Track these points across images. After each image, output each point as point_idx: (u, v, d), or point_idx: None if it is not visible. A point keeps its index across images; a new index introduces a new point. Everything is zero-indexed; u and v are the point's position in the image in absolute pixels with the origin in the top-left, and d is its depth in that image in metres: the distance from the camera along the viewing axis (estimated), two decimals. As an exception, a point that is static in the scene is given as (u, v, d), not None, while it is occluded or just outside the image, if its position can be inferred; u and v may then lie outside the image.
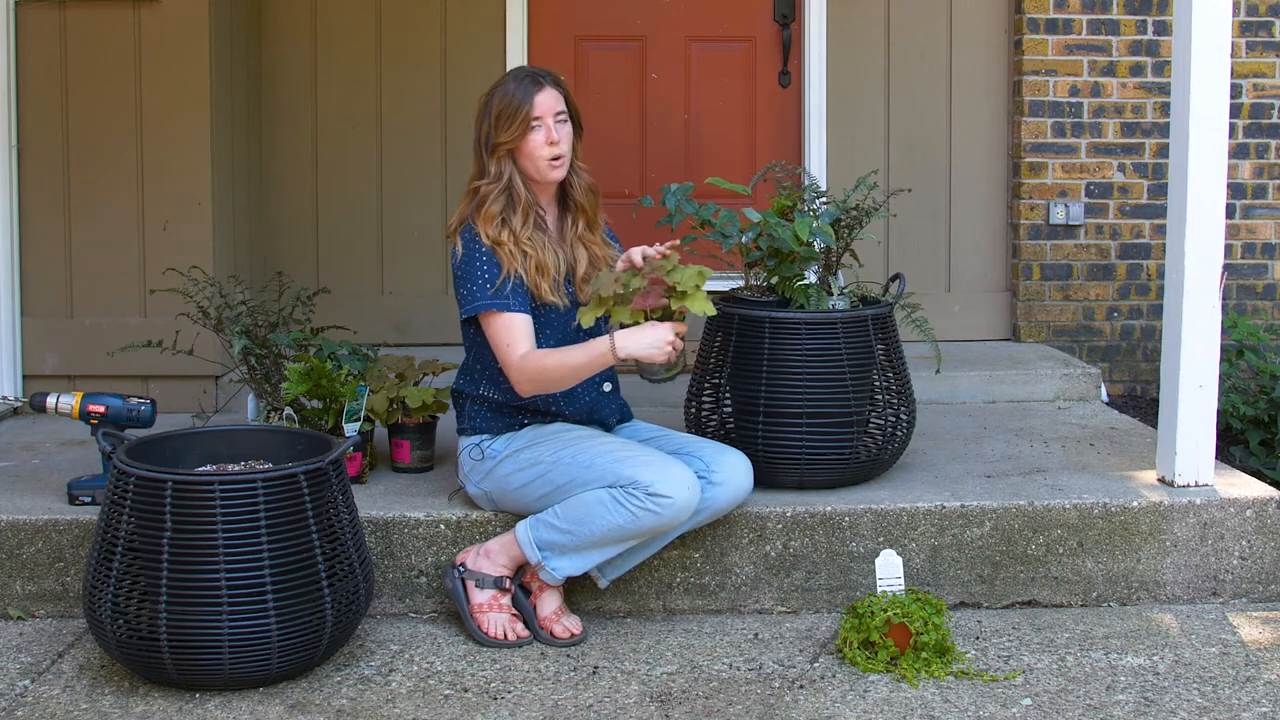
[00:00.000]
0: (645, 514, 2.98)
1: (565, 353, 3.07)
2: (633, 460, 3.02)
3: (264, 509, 2.75)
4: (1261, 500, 3.42)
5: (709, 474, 3.14)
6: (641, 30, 5.25)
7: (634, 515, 2.98)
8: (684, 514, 3.02)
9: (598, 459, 3.05)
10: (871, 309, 3.47)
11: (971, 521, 3.36)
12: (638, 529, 3.01)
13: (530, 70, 3.24)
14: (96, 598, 2.81)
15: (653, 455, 3.06)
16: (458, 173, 5.14)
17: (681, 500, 2.99)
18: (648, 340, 2.98)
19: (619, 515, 2.99)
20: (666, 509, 2.98)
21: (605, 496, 3.00)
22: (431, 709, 2.78)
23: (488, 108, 3.20)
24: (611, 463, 3.03)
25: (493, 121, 3.17)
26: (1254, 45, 5.16)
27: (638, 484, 2.97)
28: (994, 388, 4.66)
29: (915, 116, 5.22)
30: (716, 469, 3.15)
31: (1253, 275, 5.25)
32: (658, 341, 2.99)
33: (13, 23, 4.36)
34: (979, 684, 2.90)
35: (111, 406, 3.40)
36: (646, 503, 2.97)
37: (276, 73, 5.10)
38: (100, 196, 4.41)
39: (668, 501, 2.97)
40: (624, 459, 3.03)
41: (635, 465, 3.01)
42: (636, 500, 2.97)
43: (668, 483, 2.98)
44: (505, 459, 3.18)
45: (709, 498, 3.11)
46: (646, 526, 3.01)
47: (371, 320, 5.02)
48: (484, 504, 3.29)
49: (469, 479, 3.28)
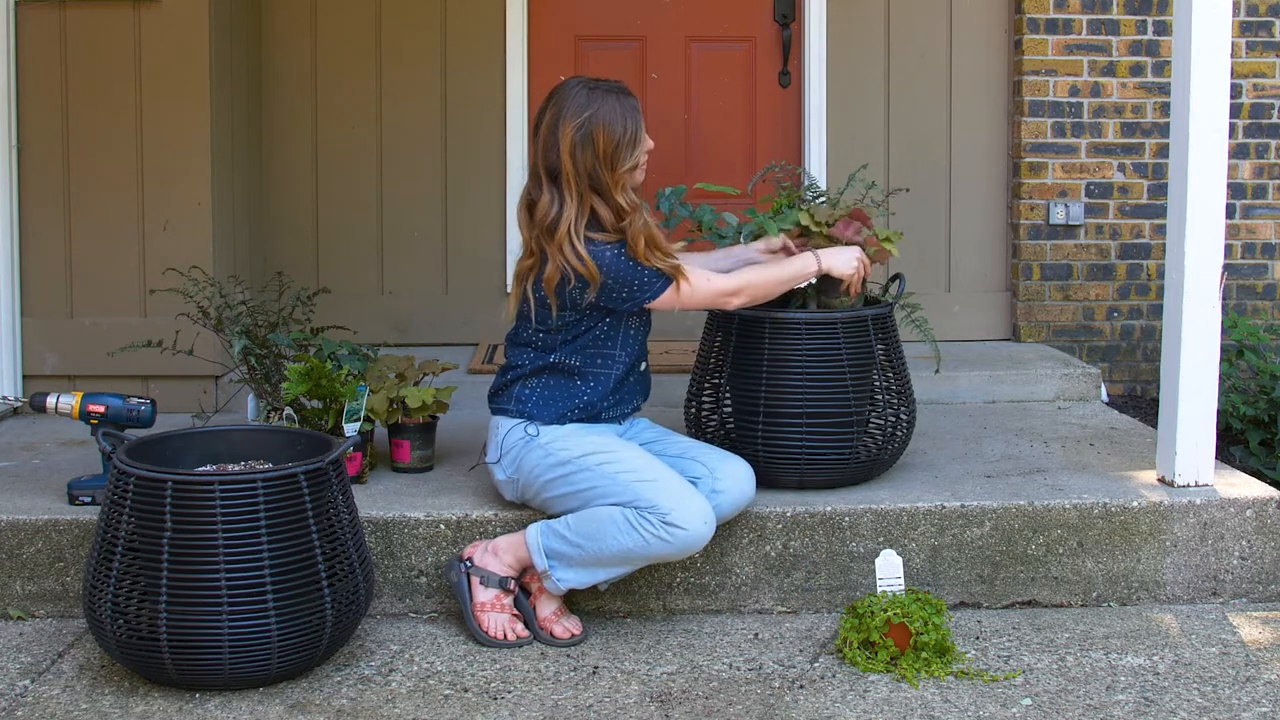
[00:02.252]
0: (657, 541, 2.98)
1: (769, 268, 3.29)
2: (654, 484, 3.01)
3: (264, 509, 2.75)
4: (1261, 500, 3.42)
5: (712, 480, 3.14)
6: (641, 30, 5.25)
7: (645, 540, 2.98)
8: (695, 547, 3.02)
9: (623, 474, 3.03)
10: (871, 309, 3.46)
11: (971, 521, 3.36)
12: (647, 554, 3.01)
13: (614, 86, 3.18)
14: (96, 598, 2.81)
15: (677, 484, 3.03)
16: (458, 173, 5.15)
17: (695, 533, 2.98)
18: (844, 257, 3.32)
19: (630, 538, 2.99)
20: (679, 539, 2.97)
21: (619, 516, 3.00)
22: (431, 709, 2.78)
23: (590, 139, 3.09)
24: (635, 481, 3.02)
25: (608, 151, 3.10)
26: (1254, 45, 5.16)
27: (656, 509, 2.97)
28: (994, 388, 4.66)
29: (915, 116, 5.22)
30: (720, 476, 3.15)
31: (1253, 275, 5.25)
32: (851, 259, 3.32)
33: (13, 23, 4.36)
34: (979, 684, 2.90)
35: (111, 406, 3.40)
36: (660, 530, 2.96)
37: (276, 73, 5.10)
38: (100, 196, 4.41)
39: (681, 533, 2.97)
40: (648, 481, 3.01)
41: (656, 490, 2.99)
42: (650, 526, 2.97)
43: (684, 513, 2.97)
44: (539, 448, 3.15)
45: (712, 505, 3.10)
46: (656, 553, 3.01)
47: (371, 320, 5.03)
48: (508, 491, 3.27)
49: (503, 462, 3.23)
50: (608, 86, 3.15)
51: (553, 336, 3.19)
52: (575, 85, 3.15)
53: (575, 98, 3.11)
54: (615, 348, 3.23)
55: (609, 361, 3.22)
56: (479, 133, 5.17)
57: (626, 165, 3.12)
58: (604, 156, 3.09)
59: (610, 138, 3.09)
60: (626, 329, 3.23)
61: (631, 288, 3.13)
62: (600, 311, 3.17)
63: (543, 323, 3.18)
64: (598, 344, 3.21)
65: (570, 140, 3.08)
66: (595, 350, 3.21)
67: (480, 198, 5.17)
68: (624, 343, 3.24)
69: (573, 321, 3.17)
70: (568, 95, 3.13)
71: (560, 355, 3.19)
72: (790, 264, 3.30)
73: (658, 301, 3.17)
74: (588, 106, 3.09)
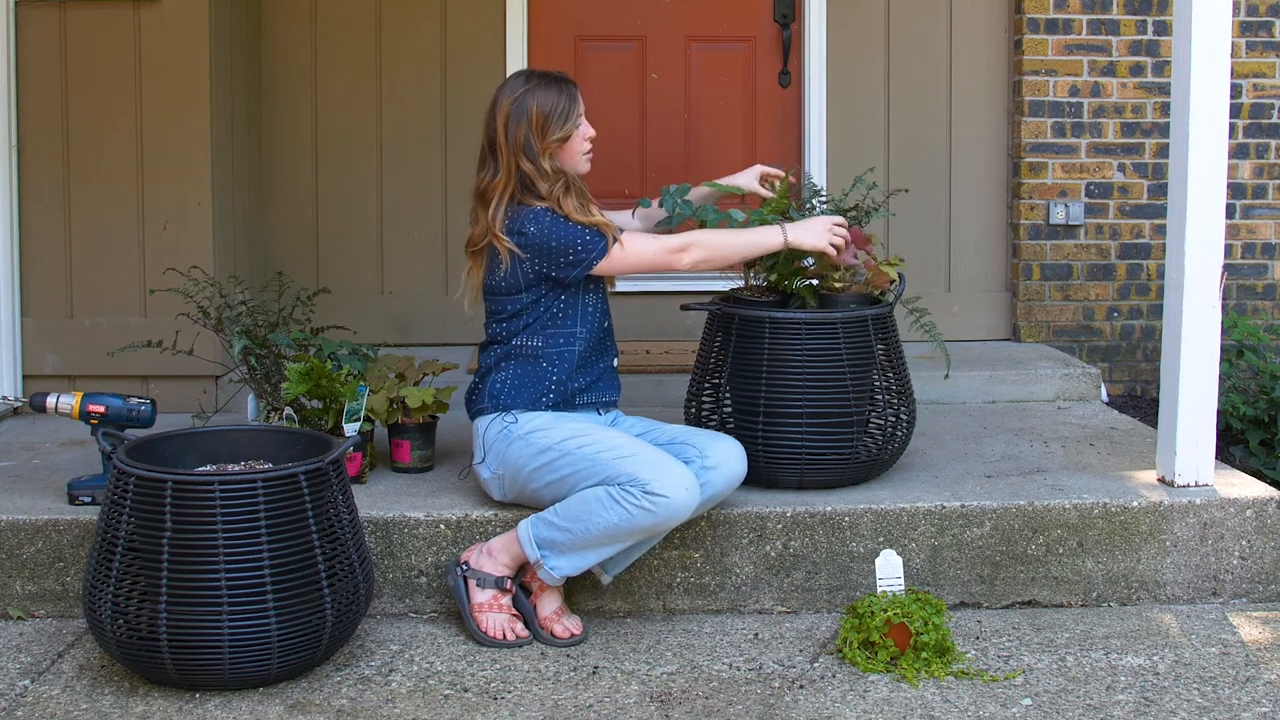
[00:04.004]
0: (641, 512, 2.99)
1: (725, 232, 3.31)
2: (634, 458, 3.04)
3: (264, 509, 2.75)
4: (1261, 500, 3.42)
5: (703, 459, 3.17)
6: (641, 30, 5.25)
7: (629, 513, 2.99)
8: (680, 515, 3.02)
9: (603, 453, 3.07)
10: (872, 309, 3.47)
11: (971, 521, 3.36)
12: (633, 527, 3.02)
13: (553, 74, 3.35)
14: (96, 598, 2.81)
15: (655, 455, 3.07)
16: (458, 172, 5.15)
17: (678, 500, 2.99)
18: (814, 229, 3.30)
19: (615, 513, 3.00)
20: (662, 508, 2.98)
21: (603, 494, 3.02)
22: (431, 709, 2.78)
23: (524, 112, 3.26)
24: (614, 459, 3.05)
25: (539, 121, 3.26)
26: (1254, 45, 5.17)
27: (636, 481, 2.99)
28: (994, 388, 4.66)
29: (915, 116, 5.22)
30: (710, 454, 3.18)
31: (1253, 275, 5.25)
32: (820, 231, 3.30)
33: (13, 23, 4.36)
34: (979, 684, 2.90)
35: (111, 406, 3.40)
36: (643, 501, 2.98)
37: (276, 73, 5.10)
38: (100, 196, 4.41)
39: (664, 501, 2.98)
40: (626, 456, 3.05)
41: (636, 463, 3.02)
42: (633, 498, 2.98)
43: (665, 481, 2.99)
44: (519, 440, 3.18)
45: (705, 482, 3.13)
46: (642, 525, 3.01)
47: (371, 320, 5.03)
48: (494, 489, 3.29)
49: (487, 460, 3.27)
50: (552, 74, 3.35)
51: (514, 322, 3.27)
52: (519, 72, 3.41)
53: (515, 79, 3.35)
54: (575, 324, 3.28)
55: (570, 339, 3.28)
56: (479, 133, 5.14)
57: (556, 135, 3.27)
58: (535, 125, 3.26)
59: (542, 109, 3.27)
60: (584, 304, 3.29)
61: (575, 248, 3.20)
62: (553, 285, 3.24)
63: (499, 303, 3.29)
64: (556, 322, 3.27)
65: (506, 113, 3.28)
66: (555, 329, 3.27)
67: (480, 198, 5.17)
68: (582, 318, 3.29)
69: (530, 304, 3.25)
70: (510, 79, 3.37)
71: (521, 339, 3.27)
72: (750, 231, 3.32)
73: (606, 261, 3.22)
74: (525, 85, 3.31)
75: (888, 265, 3.49)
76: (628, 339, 4.56)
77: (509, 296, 3.27)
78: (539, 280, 3.23)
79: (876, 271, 3.48)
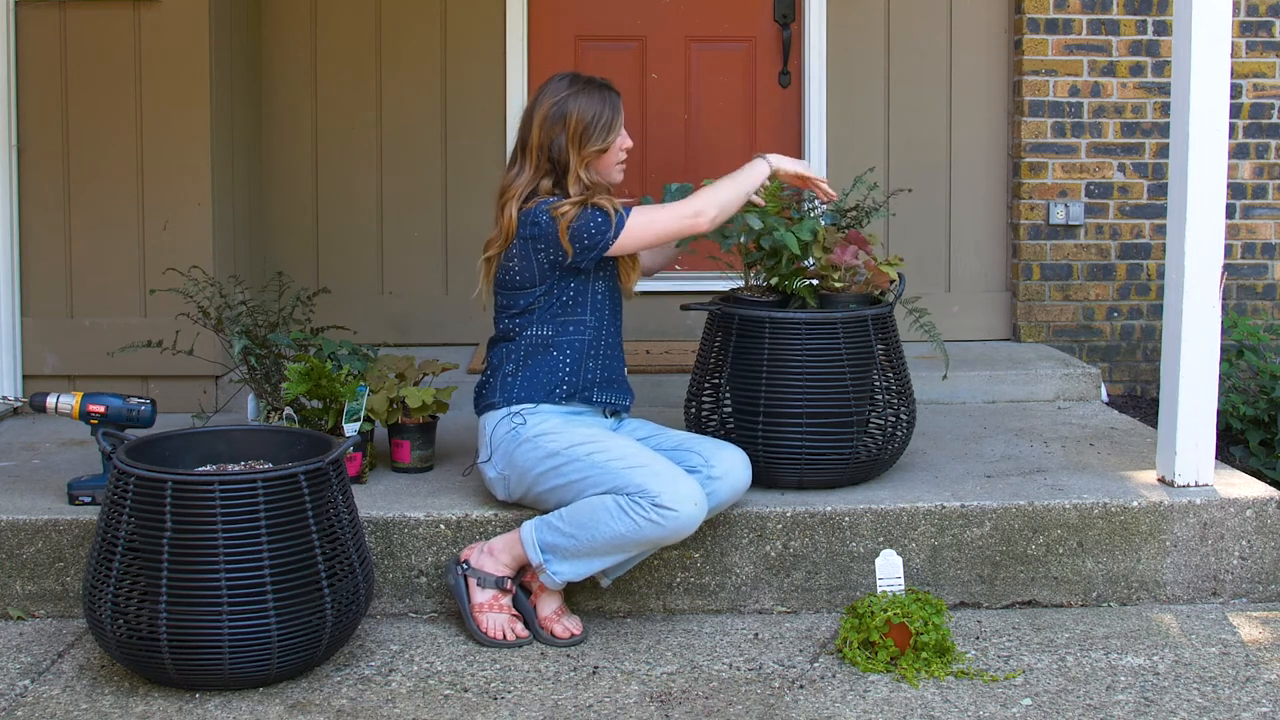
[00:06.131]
0: (649, 525, 2.98)
1: (724, 183, 3.31)
2: (644, 469, 3.02)
3: (264, 509, 2.75)
4: (1261, 500, 3.42)
5: (708, 468, 3.16)
6: (641, 30, 5.25)
7: (637, 525, 2.99)
8: (688, 529, 3.02)
9: (613, 462, 3.05)
10: (871, 309, 3.47)
11: (971, 521, 3.36)
12: (640, 539, 3.01)
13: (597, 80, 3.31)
14: (96, 598, 2.81)
15: (665, 467, 3.05)
16: (458, 172, 5.15)
17: (686, 514, 2.99)
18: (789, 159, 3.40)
19: (622, 523, 2.99)
20: (670, 521, 2.98)
21: (611, 503, 3.01)
22: (431, 709, 2.78)
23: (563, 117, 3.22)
24: (624, 468, 3.03)
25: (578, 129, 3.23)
26: (1254, 45, 5.17)
27: (645, 493, 2.98)
28: (994, 388, 4.66)
29: (915, 116, 5.22)
30: (715, 463, 3.17)
31: (1253, 275, 5.25)
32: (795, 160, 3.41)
33: (13, 23, 4.36)
34: (979, 684, 2.90)
35: (111, 406, 3.40)
36: (651, 513, 2.97)
37: (276, 73, 5.10)
38: (100, 196, 4.41)
39: (672, 515, 2.97)
40: (636, 466, 3.03)
41: (646, 474, 3.01)
42: (641, 510, 2.98)
43: (674, 495, 2.98)
44: (527, 442, 3.17)
45: (710, 491, 3.12)
46: (648, 537, 3.01)
47: (371, 320, 5.03)
48: (499, 489, 3.28)
49: (493, 459, 3.25)
50: (596, 81, 3.30)
51: (525, 317, 3.25)
52: (563, 75, 3.34)
53: (559, 82, 3.30)
54: (584, 312, 3.27)
55: (580, 327, 3.27)
56: (479, 133, 5.17)
57: (594, 146, 3.23)
58: (573, 133, 3.22)
59: (583, 117, 3.23)
60: (593, 292, 3.28)
61: (590, 230, 3.17)
62: (566, 272, 3.22)
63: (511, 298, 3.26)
64: (565, 310, 3.25)
65: (545, 113, 3.25)
66: (565, 317, 3.26)
67: (480, 198, 5.17)
68: (591, 307, 3.28)
69: (541, 295, 3.23)
70: (553, 80, 3.31)
71: (532, 330, 3.25)
72: (743, 173, 3.35)
73: (625, 234, 3.18)
74: (568, 89, 3.26)
75: (888, 265, 3.50)
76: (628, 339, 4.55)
77: (522, 291, 3.24)
78: (553, 269, 3.21)
79: (876, 271, 3.48)
